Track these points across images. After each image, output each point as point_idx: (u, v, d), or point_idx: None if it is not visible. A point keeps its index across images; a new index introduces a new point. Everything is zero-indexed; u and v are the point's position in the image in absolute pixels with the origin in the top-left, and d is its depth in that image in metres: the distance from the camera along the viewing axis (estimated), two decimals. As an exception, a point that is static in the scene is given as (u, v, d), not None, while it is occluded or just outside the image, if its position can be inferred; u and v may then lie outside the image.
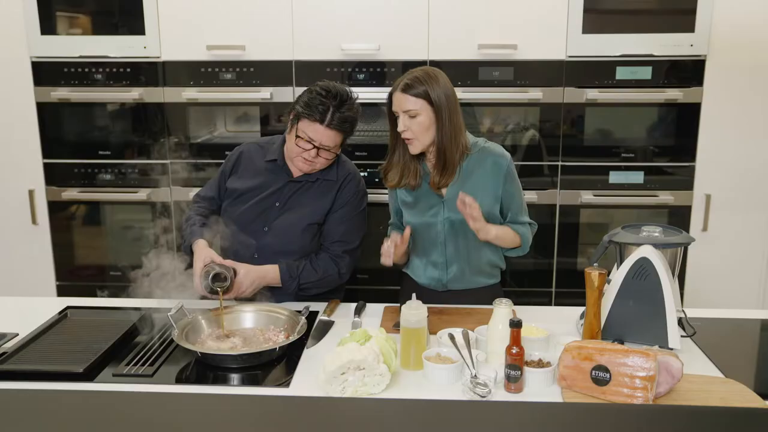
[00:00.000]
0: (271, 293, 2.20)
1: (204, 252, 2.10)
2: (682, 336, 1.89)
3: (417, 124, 2.09)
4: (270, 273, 2.16)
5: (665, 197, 3.01)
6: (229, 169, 2.34)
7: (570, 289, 3.12)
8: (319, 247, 2.29)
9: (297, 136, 2.15)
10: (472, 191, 2.15)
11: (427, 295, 2.16)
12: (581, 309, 1.99)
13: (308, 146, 2.14)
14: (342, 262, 2.26)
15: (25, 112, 3.06)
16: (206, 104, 3.03)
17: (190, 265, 2.14)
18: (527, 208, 2.27)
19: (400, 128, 2.11)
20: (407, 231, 2.12)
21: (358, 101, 2.21)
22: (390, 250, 2.08)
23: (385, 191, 3.01)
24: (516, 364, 1.63)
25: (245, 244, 2.24)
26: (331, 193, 2.26)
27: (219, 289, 2.02)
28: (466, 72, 2.93)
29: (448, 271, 2.22)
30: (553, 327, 1.93)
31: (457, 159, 2.14)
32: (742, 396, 1.60)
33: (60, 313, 2.09)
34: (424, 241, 2.24)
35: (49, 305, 2.17)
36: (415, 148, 2.13)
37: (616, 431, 1.19)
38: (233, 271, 2.06)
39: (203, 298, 2.08)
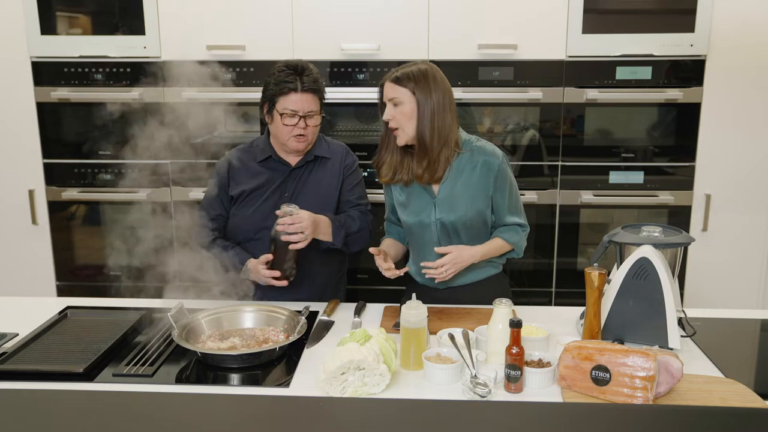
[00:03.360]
0: (269, 293, 2.20)
1: (257, 262, 2.18)
2: (682, 336, 1.89)
3: (400, 112, 2.10)
4: (323, 221, 2.21)
5: (665, 197, 3.01)
6: (226, 179, 2.35)
7: (570, 289, 3.12)
8: None
9: (281, 115, 2.21)
10: (462, 191, 2.15)
11: (431, 293, 2.18)
12: (581, 309, 1.99)
13: (294, 119, 2.21)
14: (368, 218, 2.37)
15: (25, 112, 3.06)
16: (206, 104, 3.03)
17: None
18: (523, 209, 2.26)
19: (385, 117, 2.14)
20: (376, 251, 2.14)
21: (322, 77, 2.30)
22: (386, 266, 2.12)
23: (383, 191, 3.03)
24: (516, 364, 1.63)
25: (263, 240, 2.26)
26: (335, 169, 2.33)
27: (290, 212, 2.10)
28: (466, 72, 2.93)
29: None
30: (553, 327, 1.93)
31: (437, 153, 2.12)
32: (742, 396, 1.60)
33: (60, 313, 2.09)
34: (419, 241, 2.24)
35: (49, 305, 2.17)
36: (400, 139, 2.14)
37: (616, 431, 1.19)
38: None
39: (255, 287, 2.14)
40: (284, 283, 2.15)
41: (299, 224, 2.10)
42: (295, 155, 2.30)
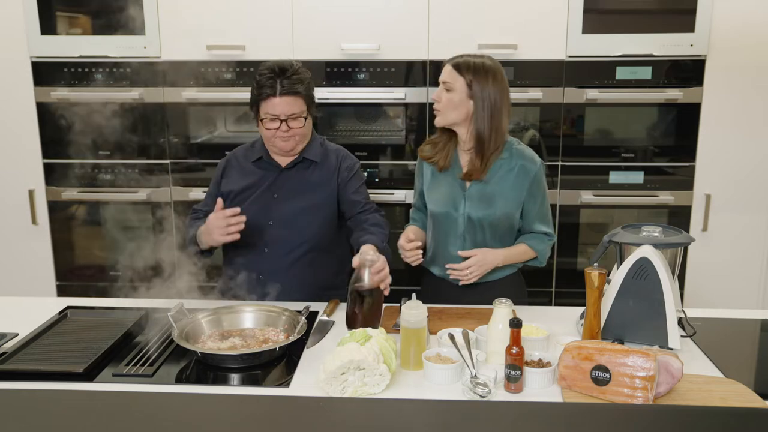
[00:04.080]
0: (271, 293, 2.20)
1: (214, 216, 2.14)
2: (682, 336, 1.89)
3: (447, 98, 2.13)
4: (373, 249, 2.11)
5: (665, 197, 3.01)
6: (220, 174, 2.37)
7: (570, 289, 3.12)
8: (333, 236, 2.32)
9: (262, 120, 2.20)
10: (495, 190, 2.17)
11: (447, 287, 2.20)
12: (581, 309, 1.99)
13: (276, 123, 2.19)
14: (383, 215, 2.33)
15: (25, 112, 3.06)
16: (206, 104, 3.03)
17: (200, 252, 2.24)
18: (551, 219, 2.26)
19: (433, 96, 2.17)
20: (409, 237, 2.15)
21: (303, 66, 2.25)
22: (414, 253, 2.13)
23: (384, 191, 3.03)
24: (516, 364, 1.63)
25: (252, 241, 2.26)
26: (330, 172, 2.30)
27: (375, 259, 1.97)
28: (466, 72, 2.93)
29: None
30: (553, 327, 1.93)
31: (491, 153, 2.15)
32: (742, 396, 1.60)
33: (60, 313, 2.08)
34: (442, 231, 2.24)
35: (49, 305, 2.17)
36: (438, 120, 2.18)
37: (616, 431, 1.19)
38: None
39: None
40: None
41: (387, 268, 2.00)
42: (286, 156, 2.30)
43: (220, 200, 2.17)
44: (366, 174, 2.91)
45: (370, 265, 1.94)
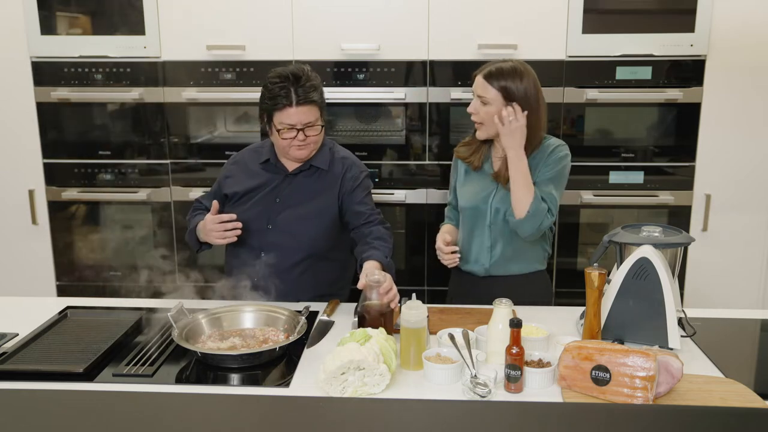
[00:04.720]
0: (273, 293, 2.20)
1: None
2: (682, 336, 1.89)
3: (485, 111, 2.14)
4: (377, 267, 2.08)
5: (665, 197, 3.01)
6: (224, 175, 2.37)
7: (570, 289, 3.11)
8: (332, 243, 2.30)
9: (278, 130, 2.17)
10: None
11: (474, 282, 2.23)
12: (581, 309, 1.99)
13: (292, 133, 2.16)
14: (389, 226, 2.29)
15: (25, 112, 3.06)
16: (206, 104, 3.03)
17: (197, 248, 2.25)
18: (556, 204, 2.18)
19: (469, 109, 2.17)
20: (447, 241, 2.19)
21: (315, 73, 2.22)
22: (452, 256, 2.17)
23: (384, 191, 3.03)
24: (516, 364, 1.63)
25: (251, 243, 2.26)
26: (334, 181, 2.27)
27: (382, 280, 1.92)
28: (466, 72, 2.93)
29: (491, 253, 2.23)
30: (553, 327, 1.93)
31: (528, 155, 2.15)
32: (742, 396, 1.60)
33: (60, 313, 2.08)
34: (472, 223, 2.26)
35: (49, 305, 2.17)
36: (480, 133, 2.19)
37: (616, 431, 1.19)
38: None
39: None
40: None
41: (394, 287, 1.95)
42: (299, 162, 2.28)
43: (215, 203, 2.17)
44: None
45: (377, 286, 1.92)
